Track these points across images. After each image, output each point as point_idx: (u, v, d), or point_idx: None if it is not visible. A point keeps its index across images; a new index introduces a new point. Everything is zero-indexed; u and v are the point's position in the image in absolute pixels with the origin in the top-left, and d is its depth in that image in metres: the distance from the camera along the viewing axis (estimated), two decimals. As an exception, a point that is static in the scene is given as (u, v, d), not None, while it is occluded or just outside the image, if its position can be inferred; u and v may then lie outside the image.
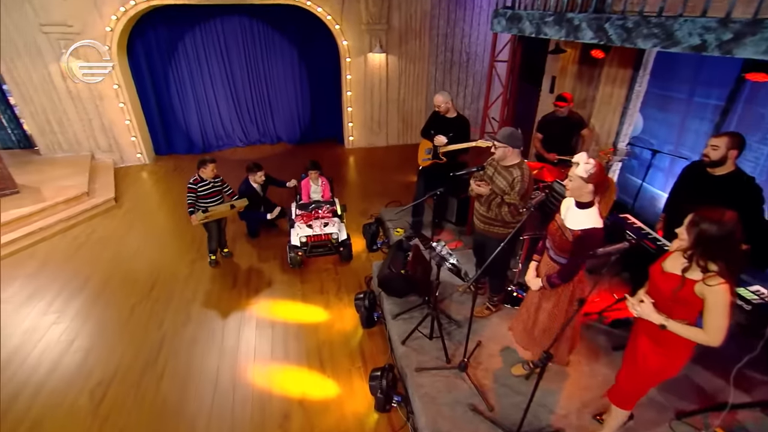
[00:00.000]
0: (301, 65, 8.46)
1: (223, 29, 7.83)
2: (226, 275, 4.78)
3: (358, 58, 7.97)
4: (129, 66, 7.59)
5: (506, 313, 3.82)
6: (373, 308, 4.00)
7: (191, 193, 4.52)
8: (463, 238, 5.05)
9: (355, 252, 5.10)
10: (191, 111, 8.38)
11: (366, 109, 8.48)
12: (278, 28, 8.02)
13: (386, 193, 6.50)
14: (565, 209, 2.46)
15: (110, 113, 7.47)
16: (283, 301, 4.36)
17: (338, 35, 7.71)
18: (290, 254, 4.70)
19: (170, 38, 7.67)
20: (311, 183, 5.39)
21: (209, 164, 4.52)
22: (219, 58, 8.05)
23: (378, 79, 8.20)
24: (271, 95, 8.67)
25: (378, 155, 8.46)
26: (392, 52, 8.03)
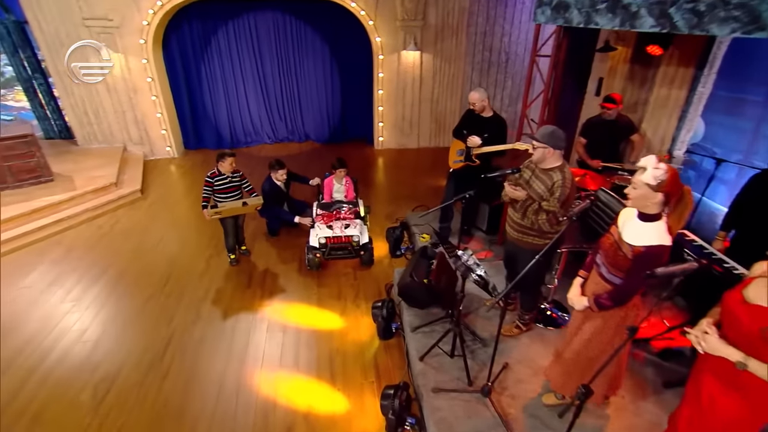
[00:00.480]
0: (332, 62, 8.38)
1: (256, 24, 7.87)
2: (241, 274, 4.67)
3: (391, 55, 7.80)
4: (163, 60, 7.72)
5: (538, 334, 3.48)
6: (391, 318, 3.76)
7: (207, 187, 4.45)
8: (493, 247, 4.74)
9: (377, 257, 4.89)
10: (221, 106, 8.46)
11: (397, 108, 8.29)
12: (311, 23, 7.98)
13: (414, 197, 6.27)
14: (623, 221, 2.14)
15: (143, 106, 7.63)
16: (298, 304, 4.19)
17: (371, 31, 7.57)
18: (308, 255, 4.53)
19: (204, 33, 7.78)
20: (335, 182, 5.23)
21: (228, 158, 4.43)
22: (251, 54, 8.10)
23: (411, 78, 8.00)
24: (301, 92, 8.64)
25: (408, 157, 8.24)
26: (427, 50, 7.81)
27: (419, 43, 7.67)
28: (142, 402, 3.17)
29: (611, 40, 4.78)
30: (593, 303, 2.21)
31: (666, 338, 3.13)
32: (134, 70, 7.34)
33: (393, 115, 8.36)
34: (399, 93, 8.14)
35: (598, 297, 2.19)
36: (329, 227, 4.55)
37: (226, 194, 4.53)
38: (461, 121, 4.47)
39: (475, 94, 4.15)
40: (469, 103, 4.24)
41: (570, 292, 2.42)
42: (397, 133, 8.56)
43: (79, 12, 6.81)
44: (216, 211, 4.38)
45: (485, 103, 4.19)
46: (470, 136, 4.23)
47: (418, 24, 7.52)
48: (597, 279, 2.24)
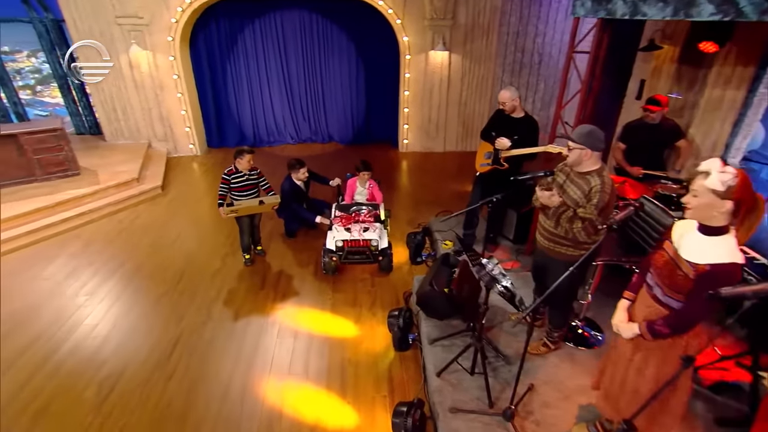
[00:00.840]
0: (358, 62, 8.31)
1: (282, 23, 7.89)
2: (255, 275, 4.59)
3: (418, 55, 7.66)
4: (190, 58, 7.84)
5: (567, 353, 3.22)
6: (408, 329, 3.58)
7: (224, 185, 4.41)
8: (521, 258, 4.49)
9: (396, 263, 4.71)
10: (245, 105, 8.51)
11: (424, 110, 8.13)
12: (337, 22, 7.94)
13: (438, 202, 6.09)
14: (679, 235, 1.87)
15: (168, 103, 7.74)
16: (311, 309, 4.06)
17: (399, 30, 7.45)
18: (324, 258, 4.40)
19: (231, 31, 7.85)
20: (358, 184, 5.10)
21: (246, 155, 4.37)
22: (276, 53, 8.12)
23: (439, 79, 7.82)
24: (326, 92, 8.61)
25: (433, 161, 8.05)
26: (456, 51, 7.63)
27: (448, 43, 7.49)
28: (145, 402, 3.09)
29: (657, 38, 4.48)
30: (646, 330, 1.92)
31: (719, 368, 2.81)
32: (161, 68, 7.46)
33: (419, 117, 8.20)
34: (425, 94, 7.98)
35: (653, 324, 1.89)
36: (347, 230, 4.41)
37: (242, 192, 4.46)
38: (490, 122, 4.27)
39: (506, 93, 3.95)
40: (499, 103, 4.04)
41: (615, 317, 2.14)
42: (423, 135, 8.39)
43: (112, 10, 6.98)
44: (232, 209, 4.32)
45: (516, 103, 3.97)
46: (499, 138, 4.03)
47: (447, 23, 7.35)
48: (649, 302, 1.96)
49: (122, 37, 7.18)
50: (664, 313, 1.87)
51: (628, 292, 2.15)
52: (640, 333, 1.93)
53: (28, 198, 5.67)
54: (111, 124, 7.85)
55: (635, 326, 1.97)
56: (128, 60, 7.34)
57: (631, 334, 1.98)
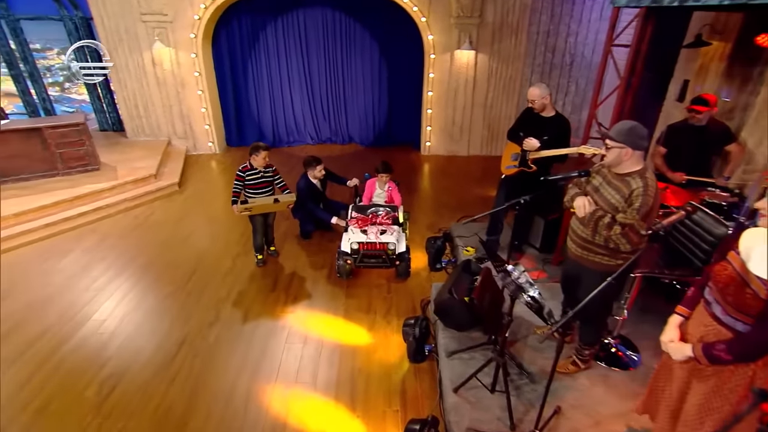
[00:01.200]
0: (381, 62, 8.21)
1: (305, 21, 7.87)
2: (266, 276, 4.49)
3: (443, 55, 7.49)
4: (212, 55, 7.90)
5: (600, 374, 2.96)
6: (424, 339, 3.38)
7: (238, 182, 4.33)
8: (547, 268, 4.24)
9: (414, 269, 4.54)
10: (265, 104, 8.51)
11: (447, 112, 7.95)
12: (360, 20, 7.87)
13: (460, 207, 5.90)
14: (748, 246, 1.62)
15: (189, 100, 7.80)
16: (323, 314, 3.92)
17: (423, 29, 7.31)
18: (338, 261, 4.26)
19: (253, 29, 7.87)
20: (376, 186, 4.95)
21: (262, 151, 4.29)
22: (298, 51, 8.10)
23: (464, 80, 7.64)
24: (347, 92, 8.53)
25: (457, 165, 7.85)
26: (483, 50, 7.43)
27: (475, 42, 7.31)
28: (145, 404, 3.00)
29: (705, 34, 4.19)
30: (702, 354, 1.68)
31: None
32: (183, 65, 7.53)
33: (442, 119, 8.02)
34: (450, 95, 7.80)
35: (711, 347, 1.65)
36: (363, 232, 4.25)
37: (257, 190, 4.38)
38: (518, 121, 4.07)
39: (535, 90, 3.74)
40: (528, 101, 3.83)
41: (664, 335, 1.90)
42: (446, 138, 8.20)
43: (138, 7, 7.09)
44: (245, 206, 4.23)
45: (546, 101, 3.76)
46: (527, 138, 3.82)
47: (474, 21, 7.17)
48: (707, 320, 1.71)
49: (146, 34, 7.28)
50: (726, 336, 1.62)
51: (682, 307, 1.90)
52: (694, 356, 1.68)
53: (48, 191, 5.74)
54: (132, 121, 7.96)
55: (688, 348, 1.72)
56: (151, 57, 7.43)
57: (683, 357, 1.73)
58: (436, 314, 3.45)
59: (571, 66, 7.58)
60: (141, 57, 7.45)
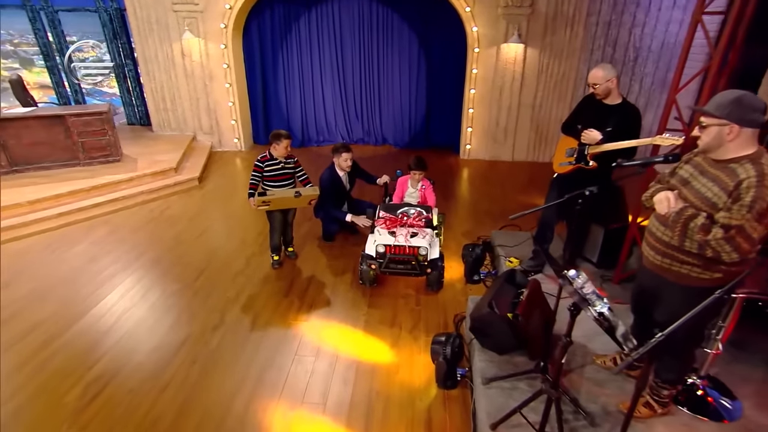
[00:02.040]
0: (419, 56, 7.95)
1: (340, 12, 7.74)
2: (281, 279, 4.22)
3: (489, 49, 7.13)
4: (243, 48, 7.88)
5: (681, 423, 2.43)
6: (457, 361, 2.98)
7: (256, 173, 4.11)
8: (607, 287, 3.73)
9: (448, 280, 4.14)
10: (295, 100, 8.40)
11: (491, 112, 7.55)
12: (398, 11, 7.66)
13: (503, 216, 5.49)
14: None
15: (216, 93, 7.78)
16: (340, 325, 3.58)
17: (468, 20, 6.99)
18: (362, 266, 3.92)
19: (285, 20, 7.81)
20: (409, 185, 4.61)
21: (283, 140, 4.06)
22: (331, 45, 7.97)
23: (511, 77, 7.24)
24: (382, 89, 8.30)
25: (500, 170, 7.41)
26: (533, 44, 7.02)
27: (524, 34, 6.91)
28: (130, 415, 2.73)
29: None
30: None
31: None
32: (212, 56, 7.53)
33: (485, 119, 7.63)
34: (494, 94, 7.41)
35: None
36: (391, 234, 3.90)
37: (276, 183, 4.15)
38: (576, 111, 3.64)
39: (598, 72, 3.30)
40: (589, 85, 3.39)
41: None
42: (489, 141, 7.78)
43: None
44: (264, 199, 3.97)
45: (612, 85, 3.30)
46: (587, 130, 3.36)
47: (525, 12, 6.78)
48: None
49: (177, 24, 7.33)
50: None
51: None
52: None
53: (66, 180, 5.75)
54: (159, 114, 8.02)
55: None
56: (180, 48, 7.47)
57: None
58: (473, 332, 3.02)
59: (635, 62, 7.02)
60: (170, 48, 7.50)
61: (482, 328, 2.94)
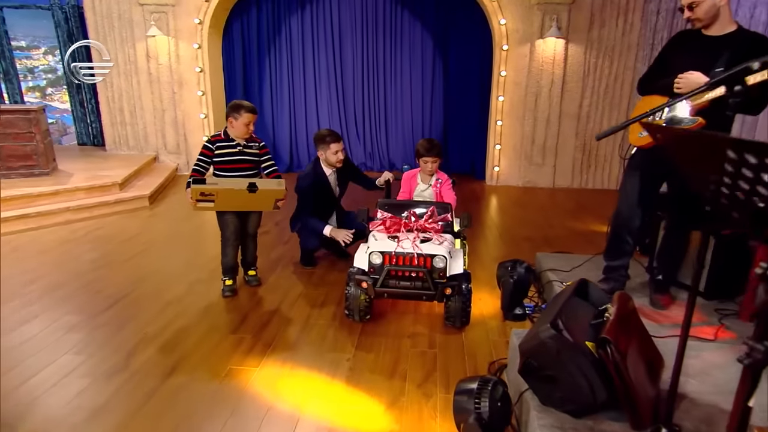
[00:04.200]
0: (435, 61, 7.61)
1: (339, 9, 7.52)
2: (232, 311, 3.35)
3: (520, 46, 6.68)
4: (222, 51, 7.61)
5: None
6: (498, 425, 1.96)
7: (204, 157, 3.42)
8: (732, 323, 2.78)
9: (478, 315, 3.25)
10: (283, 115, 7.97)
11: (525, 125, 6.95)
12: (410, 7, 7.42)
13: (548, 243, 4.82)
14: None
15: (186, 103, 7.32)
16: (309, 373, 2.64)
17: (493, 12, 6.60)
18: (348, 288, 3.01)
19: (275, 19, 7.59)
20: (419, 180, 3.85)
21: (244, 113, 3.40)
22: (328, 49, 7.69)
23: (549, 80, 6.72)
24: (389, 102, 7.88)
25: (538, 198, 6.70)
26: (576, 39, 6.58)
27: (564, 28, 6.48)
28: None
29: None
30: None
31: None
32: (184, 58, 7.18)
33: (517, 134, 7.04)
34: (528, 102, 6.86)
35: None
36: (393, 238, 3.01)
37: (230, 172, 3.42)
38: (660, 58, 2.95)
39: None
40: (682, 10, 2.64)
41: None
42: (522, 162, 7.11)
43: (137, -12, 6.92)
44: (203, 189, 3.16)
45: (721, 2, 2.54)
46: (686, 75, 2.57)
47: (565, 1, 6.39)
48: None
49: (143, 20, 7.05)
50: None
51: None
52: None
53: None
54: (114, 129, 7.56)
55: None
56: (146, 48, 7.12)
57: None
58: (526, 376, 2.04)
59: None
60: (134, 48, 7.20)
61: (543, 367, 1.96)
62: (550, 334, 1.93)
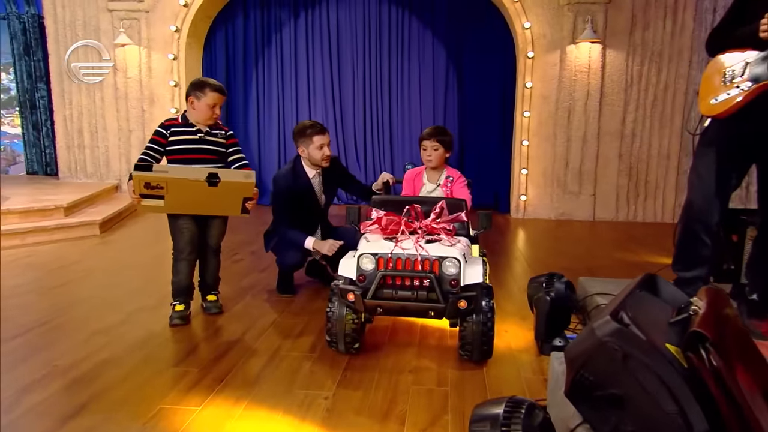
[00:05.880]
0: (449, 76, 7.59)
1: (338, 17, 7.59)
2: (180, 341, 3.01)
3: (549, 54, 6.65)
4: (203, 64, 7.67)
5: None
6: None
7: (154, 143, 3.25)
8: None
9: (503, 346, 2.87)
10: (272, 137, 7.94)
11: (556, 146, 6.81)
12: (419, 14, 7.50)
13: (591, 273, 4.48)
14: None
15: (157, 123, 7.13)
16: (271, 413, 2.25)
17: (515, 15, 6.59)
18: (331, 304, 2.64)
19: (264, 29, 7.71)
20: (424, 179, 3.65)
21: (209, 92, 3.16)
22: (325, 62, 7.74)
23: (584, 92, 6.62)
24: (395, 122, 7.82)
25: (575, 231, 6.45)
26: (615, 43, 6.53)
27: (601, 30, 6.43)
28: None
29: None
30: None
31: None
32: (156, 71, 7.19)
33: (547, 157, 6.88)
34: (560, 118, 6.72)
35: None
36: (390, 240, 2.65)
37: (187, 162, 3.17)
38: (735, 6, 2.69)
39: None
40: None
41: None
42: (554, 190, 6.90)
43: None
44: (149, 177, 2.86)
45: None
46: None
47: (601, 0, 6.39)
48: None
49: (111, 28, 7.13)
50: None
51: None
52: None
53: None
54: (70, 154, 7.48)
55: None
56: (113, 59, 7.14)
57: None
58: (575, 399, 1.61)
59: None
60: (99, 60, 7.20)
61: (603, 384, 1.54)
62: (611, 329, 1.54)
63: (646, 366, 1.49)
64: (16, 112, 8.34)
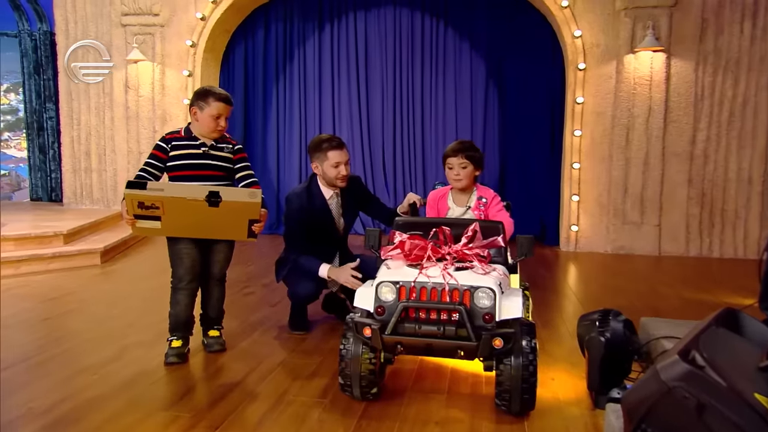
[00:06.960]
0: (489, 89, 7.58)
1: (366, 29, 7.71)
2: (173, 382, 2.97)
3: (603, 65, 6.58)
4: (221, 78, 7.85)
5: None
6: None
7: (154, 159, 3.25)
8: None
9: (548, 396, 2.72)
10: (292, 160, 8.04)
11: (613, 169, 6.67)
12: (455, 24, 7.56)
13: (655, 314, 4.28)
14: None
15: (168, 144, 7.37)
16: None
17: (564, 23, 6.56)
18: (345, 340, 2.53)
19: (287, 43, 7.88)
20: (449, 202, 3.53)
21: (213, 102, 3.16)
22: (352, 78, 7.86)
23: (645, 107, 6.51)
24: (428, 145, 7.84)
25: (636, 266, 6.25)
26: (681, 52, 6.41)
27: (664, 37, 6.31)
28: None
29: None
30: None
31: None
32: (170, 89, 7.40)
33: (602, 182, 6.75)
34: (617, 137, 6.61)
35: None
36: (414, 266, 2.54)
37: (190, 178, 3.14)
38: None
39: None
40: None
41: None
42: (611, 220, 6.73)
43: (119, 5, 7.30)
44: (140, 196, 2.82)
45: None
46: None
47: (665, 3, 6.29)
48: None
49: (124, 43, 7.37)
50: None
51: None
52: None
53: None
54: (76, 177, 7.71)
55: None
56: (124, 77, 7.35)
57: None
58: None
59: None
60: (110, 78, 7.48)
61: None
62: (681, 371, 1.38)
63: (727, 420, 1.35)
64: (23, 134, 8.63)
